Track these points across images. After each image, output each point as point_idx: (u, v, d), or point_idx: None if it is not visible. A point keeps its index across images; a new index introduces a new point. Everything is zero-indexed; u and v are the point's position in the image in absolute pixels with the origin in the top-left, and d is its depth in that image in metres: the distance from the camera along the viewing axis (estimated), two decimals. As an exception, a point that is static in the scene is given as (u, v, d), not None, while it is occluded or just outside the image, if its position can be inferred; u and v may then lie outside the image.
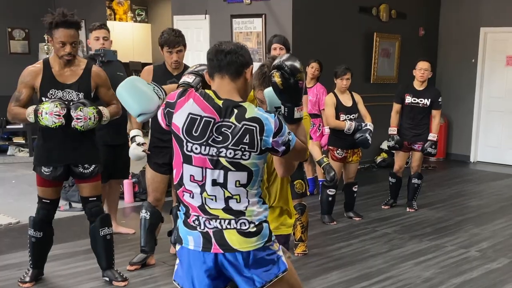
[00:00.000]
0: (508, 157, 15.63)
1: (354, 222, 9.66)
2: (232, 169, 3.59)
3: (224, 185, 3.63)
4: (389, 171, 10.81)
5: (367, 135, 9.01)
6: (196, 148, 3.61)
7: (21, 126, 14.42)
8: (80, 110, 6.10)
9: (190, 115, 3.57)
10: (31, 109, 6.07)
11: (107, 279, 6.82)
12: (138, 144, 7.08)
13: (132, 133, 7.18)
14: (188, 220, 3.79)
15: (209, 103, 3.61)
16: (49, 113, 5.99)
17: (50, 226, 6.71)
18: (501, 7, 14.96)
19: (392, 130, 10.05)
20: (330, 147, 9.44)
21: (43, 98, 6.18)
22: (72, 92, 6.25)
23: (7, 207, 9.84)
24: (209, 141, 3.58)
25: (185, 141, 3.64)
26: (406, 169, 10.61)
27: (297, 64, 3.88)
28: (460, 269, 7.65)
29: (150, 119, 7.06)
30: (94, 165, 6.53)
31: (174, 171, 3.90)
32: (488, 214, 10.52)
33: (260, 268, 3.75)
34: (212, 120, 3.58)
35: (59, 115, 6.01)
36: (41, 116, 5.99)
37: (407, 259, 7.97)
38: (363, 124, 9.14)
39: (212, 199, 3.67)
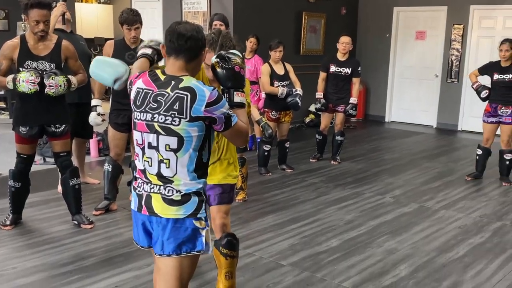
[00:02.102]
0: (417, 118, 15.89)
1: (286, 173, 9.74)
2: (163, 133, 3.49)
3: (157, 148, 3.54)
4: (316, 130, 10.92)
5: (297, 99, 9.12)
6: (138, 115, 3.57)
7: (1, 92, 14.48)
8: (52, 79, 6.16)
9: (137, 89, 3.57)
10: (10, 77, 6.10)
11: (76, 222, 6.87)
12: (98, 114, 7.19)
13: (93, 102, 7.27)
14: (134, 182, 3.75)
15: (152, 79, 3.57)
16: (25, 81, 6.04)
17: (27, 177, 6.75)
18: (412, -10, 15.15)
19: (319, 94, 10.14)
20: (266, 109, 9.53)
21: (20, 68, 6.20)
22: (45, 63, 6.28)
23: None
24: (146, 108, 3.51)
25: (133, 110, 3.62)
26: (330, 128, 10.68)
27: (234, 54, 3.94)
28: (376, 212, 7.76)
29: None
30: (64, 125, 6.57)
31: None
32: (400, 166, 10.65)
33: (175, 238, 3.56)
34: (150, 91, 3.52)
35: (34, 83, 6.07)
36: (19, 83, 6.03)
37: (331, 204, 8.06)
38: (294, 90, 9.24)
39: (148, 162, 3.59)
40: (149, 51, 4.25)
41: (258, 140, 9.85)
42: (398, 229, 7.11)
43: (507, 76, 8.90)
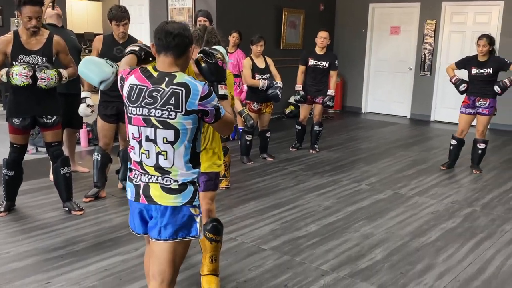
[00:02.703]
0: (392, 109, 15.98)
1: (267, 161, 9.78)
2: (160, 127, 3.53)
3: (155, 141, 3.58)
4: (296, 120, 10.98)
5: (277, 91, 9.17)
6: (133, 110, 3.59)
7: (-4, 85, 14.36)
8: (44, 72, 6.18)
9: (130, 85, 3.62)
10: (4, 71, 6.11)
11: (67, 209, 6.90)
12: (88, 105, 7.23)
13: (83, 94, 7.31)
14: (130, 174, 3.78)
15: (145, 75, 3.61)
16: (18, 74, 6.06)
17: (20, 166, 6.76)
18: (387, -14, 15.25)
19: (298, 87, 10.18)
20: (248, 101, 9.57)
21: (14, 62, 6.21)
22: (37, 57, 6.30)
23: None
24: (142, 104, 3.54)
25: (127, 105, 3.64)
26: (309, 119, 10.72)
27: (217, 50, 4.05)
28: (353, 199, 7.79)
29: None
30: (55, 116, 6.58)
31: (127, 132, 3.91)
32: (376, 155, 10.68)
33: (173, 224, 3.63)
34: (145, 87, 3.56)
35: (26, 76, 6.09)
36: (12, 76, 6.05)
37: (310, 191, 8.09)
38: (274, 82, 9.29)
39: (146, 155, 3.63)
40: (136, 48, 4.29)
41: (241, 130, 9.88)
42: (374, 214, 7.16)
43: (484, 70, 8.95)
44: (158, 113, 3.51)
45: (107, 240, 6.04)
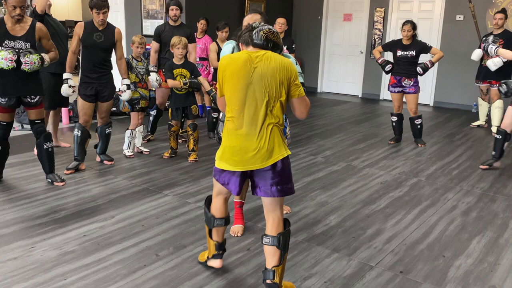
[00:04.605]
0: (344, 89, 16.11)
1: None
2: None
3: None
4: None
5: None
6: None
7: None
8: (27, 57, 6.15)
9: None
10: (-11, 55, 6.09)
11: (50, 180, 6.86)
12: (70, 86, 7.20)
13: (65, 75, 7.25)
14: None
15: None
16: (4, 58, 6.04)
17: (7, 141, 6.71)
18: (340, -22, 15.21)
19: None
20: (214, 82, 9.51)
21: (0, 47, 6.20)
22: (21, 42, 6.24)
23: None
24: None
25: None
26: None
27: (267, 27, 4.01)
28: (310, 170, 7.82)
29: (80, 61, 7.20)
30: (38, 97, 6.53)
31: None
32: (330, 130, 10.72)
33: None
34: None
35: (11, 60, 6.07)
36: (-2, 60, 6.03)
37: (271, 163, 8.10)
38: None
39: None
40: None
41: (208, 108, 9.87)
42: (328, 184, 7.19)
43: (409, 53, 9.19)
44: None
45: (86, 208, 6.02)
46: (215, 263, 4.59)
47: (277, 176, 3.89)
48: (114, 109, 10.56)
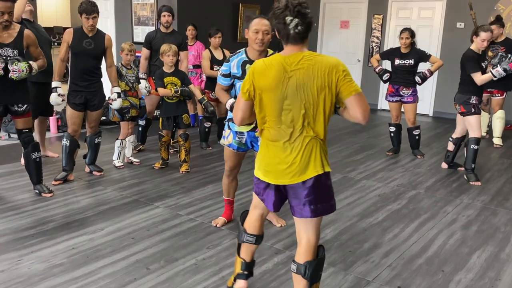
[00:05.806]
0: (341, 98, 16.06)
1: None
2: None
3: None
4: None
5: (234, 81, 9.22)
6: None
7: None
8: (15, 65, 6.18)
9: None
10: (-23, 63, 6.11)
11: (37, 191, 6.88)
12: (59, 95, 7.21)
13: (53, 84, 7.24)
14: None
15: None
16: (-9, 66, 6.09)
17: (-7, 151, 6.77)
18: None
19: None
20: (207, 90, 9.60)
21: None
22: (9, 49, 6.27)
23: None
24: None
25: None
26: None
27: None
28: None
29: (69, 69, 7.23)
30: (26, 105, 6.56)
31: None
32: (327, 141, 10.66)
33: None
34: None
35: (-1, 68, 6.12)
36: (-15, 68, 6.06)
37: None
38: (232, 73, 9.34)
39: None
40: None
41: (200, 118, 9.90)
42: (324, 197, 7.20)
43: (407, 61, 9.21)
44: None
45: (75, 220, 6.05)
46: (238, 284, 4.37)
47: (310, 194, 3.67)
48: (103, 118, 10.58)
